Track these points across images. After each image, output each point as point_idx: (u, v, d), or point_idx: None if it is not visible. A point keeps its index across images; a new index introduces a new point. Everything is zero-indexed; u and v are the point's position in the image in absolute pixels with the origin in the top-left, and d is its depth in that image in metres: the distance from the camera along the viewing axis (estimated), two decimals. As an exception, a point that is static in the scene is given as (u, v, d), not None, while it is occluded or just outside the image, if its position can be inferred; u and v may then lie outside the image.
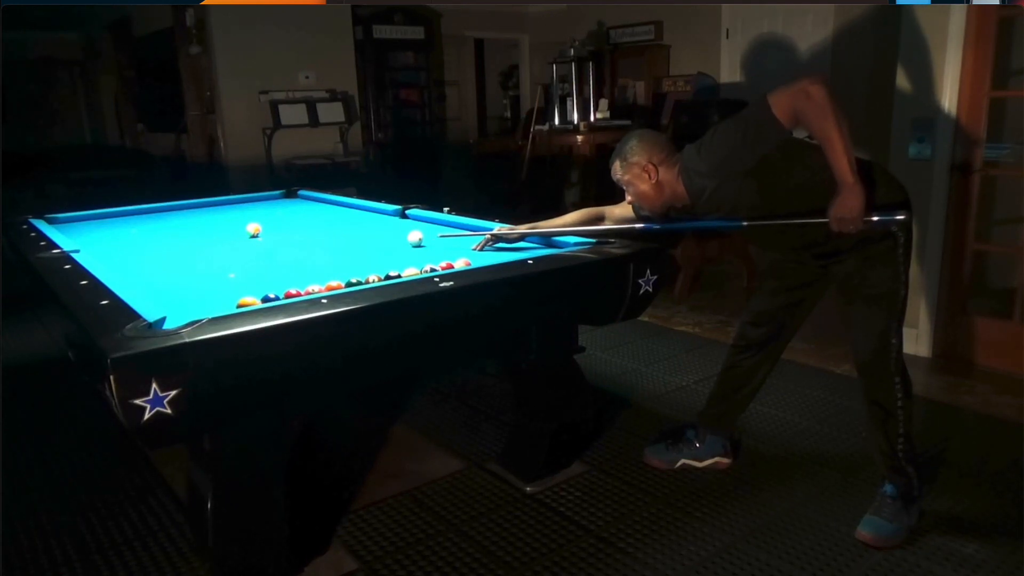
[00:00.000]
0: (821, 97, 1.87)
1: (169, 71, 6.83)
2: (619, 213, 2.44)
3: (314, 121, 6.34)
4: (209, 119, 6.50)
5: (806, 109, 1.89)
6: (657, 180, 2.17)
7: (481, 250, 2.48)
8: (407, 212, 3.33)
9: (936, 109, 3.37)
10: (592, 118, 6.65)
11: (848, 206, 1.92)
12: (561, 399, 2.50)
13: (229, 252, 2.81)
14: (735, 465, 2.60)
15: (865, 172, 2.05)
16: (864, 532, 2.16)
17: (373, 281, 2.04)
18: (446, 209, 3.19)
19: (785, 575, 2.02)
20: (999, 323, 3.49)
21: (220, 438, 1.85)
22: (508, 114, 10.30)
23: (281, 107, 6.20)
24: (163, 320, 1.69)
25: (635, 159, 2.18)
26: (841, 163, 1.90)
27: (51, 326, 4.23)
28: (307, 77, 6.41)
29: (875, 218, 1.95)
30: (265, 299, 1.89)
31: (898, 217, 1.96)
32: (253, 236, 3.01)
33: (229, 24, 5.99)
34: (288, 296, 1.92)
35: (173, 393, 1.53)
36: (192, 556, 2.16)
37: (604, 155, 4.85)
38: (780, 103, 1.92)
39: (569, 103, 6.83)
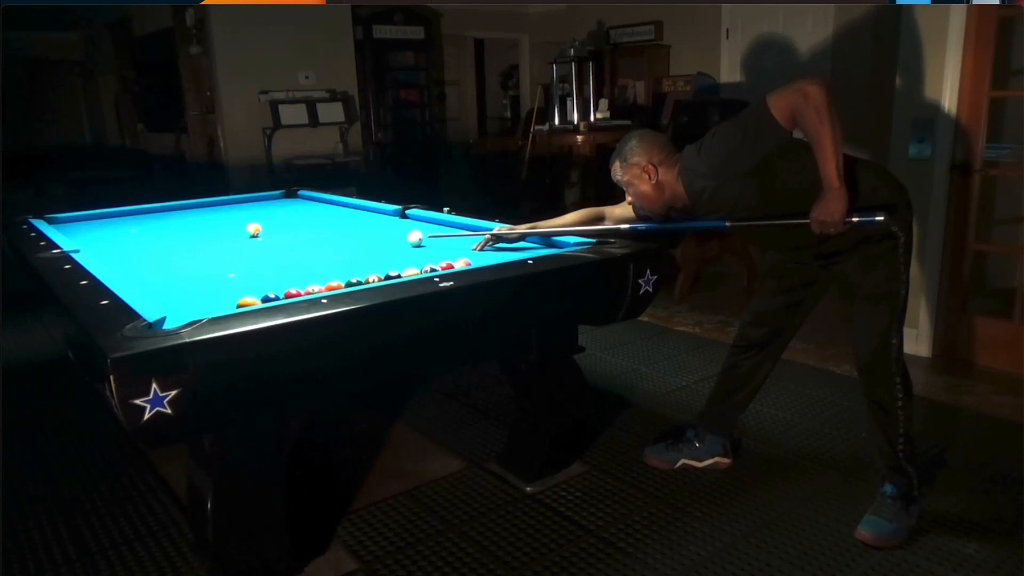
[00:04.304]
0: (818, 98, 1.87)
1: (169, 71, 6.83)
2: (619, 213, 2.44)
3: (314, 121, 6.35)
4: (209, 119, 6.50)
5: (802, 109, 1.89)
6: (657, 180, 2.17)
7: (481, 250, 2.48)
8: (407, 212, 3.33)
9: (936, 109, 3.37)
10: (592, 118, 6.64)
11: (829, 209, 1.93)
12: (561, 399, 2.49)
13: (229, 252, 2.80)
14: (735, 465, 2.60)
15: (863, 172, 2.05)
16: (864, 532, 2.16)
17: (373, 281, 2.04)
18: (446, 209, 3.18)
19: (785, 575, 2.02)
20: (999, 323, 3.49)
21: (220, 438, 1.85)
22: (508, 114, 10.28)
23: (281, 107, 6.21)
24: (163, 320, 1.69)
25: (635, 159, 2.18)
26: (829, 166, 1.90)
27: (51, 326, 4.23)
28: (307, 77, 6.41)
29: (855, 219, 1.94)
30: (265, 299, 1.89)
31: (878, 218, 1.94)
32: (253, 236, 3.01)
33: (229, 24, 5.99)
34: (288, 296, 1.91)
35: (173, 393, 1.53)
36: (192, 556, 2.16)
37: (604, 155, 4.86)
38: (778, 104, 1.93)
39: (569, 103, 6.82)
